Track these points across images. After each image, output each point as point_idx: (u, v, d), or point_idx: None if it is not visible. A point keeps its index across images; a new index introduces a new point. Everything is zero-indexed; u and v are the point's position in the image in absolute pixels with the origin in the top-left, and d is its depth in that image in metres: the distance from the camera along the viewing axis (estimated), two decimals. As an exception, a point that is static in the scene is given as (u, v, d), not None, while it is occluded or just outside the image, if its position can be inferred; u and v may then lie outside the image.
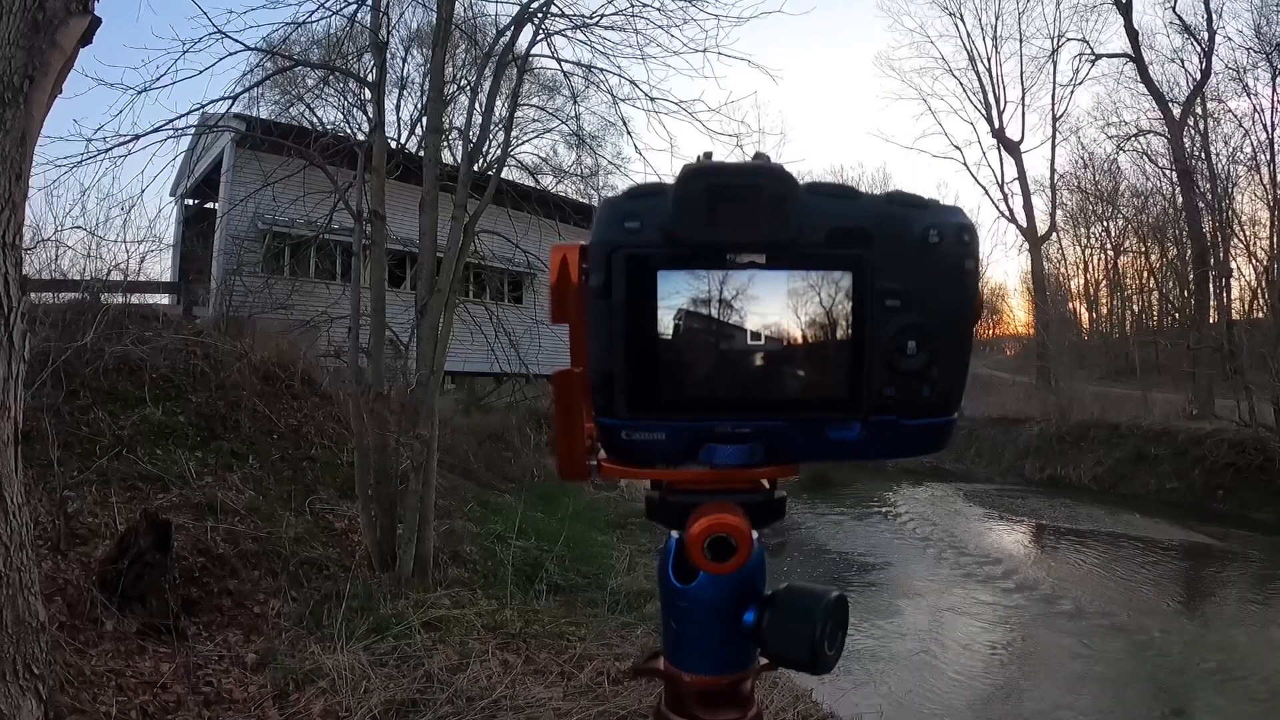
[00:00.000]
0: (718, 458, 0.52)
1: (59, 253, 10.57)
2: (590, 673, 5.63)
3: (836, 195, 0.50)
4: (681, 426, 0.52)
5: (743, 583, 0.58)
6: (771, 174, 0.49)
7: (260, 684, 5.31)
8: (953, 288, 0.51)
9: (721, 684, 0.59)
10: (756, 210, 0.49)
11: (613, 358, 0.50)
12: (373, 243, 7.80)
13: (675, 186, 0.49)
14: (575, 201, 11.44)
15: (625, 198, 0.50)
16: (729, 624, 0.58)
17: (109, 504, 7.03)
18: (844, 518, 14.27)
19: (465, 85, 9.95)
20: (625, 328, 0.49)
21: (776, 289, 0.50)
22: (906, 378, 0.51)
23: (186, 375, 9.44)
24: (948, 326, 0.51)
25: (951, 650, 8.27)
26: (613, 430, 0.52)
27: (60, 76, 3.07)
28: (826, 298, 0.50)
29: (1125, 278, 34.83)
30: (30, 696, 2.79)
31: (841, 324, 0.50)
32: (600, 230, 0.49)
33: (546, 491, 12.48)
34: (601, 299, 0.49)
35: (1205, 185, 22.75)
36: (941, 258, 0.50)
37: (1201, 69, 23.29)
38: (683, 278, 0.49)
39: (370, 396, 7.58)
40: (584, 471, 0.54)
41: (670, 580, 0.59)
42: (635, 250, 0.49)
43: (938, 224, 0.51)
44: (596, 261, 0.49)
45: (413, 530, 7.18)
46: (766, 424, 0.52)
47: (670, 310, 0.49)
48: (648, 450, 0.52)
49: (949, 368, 0.51)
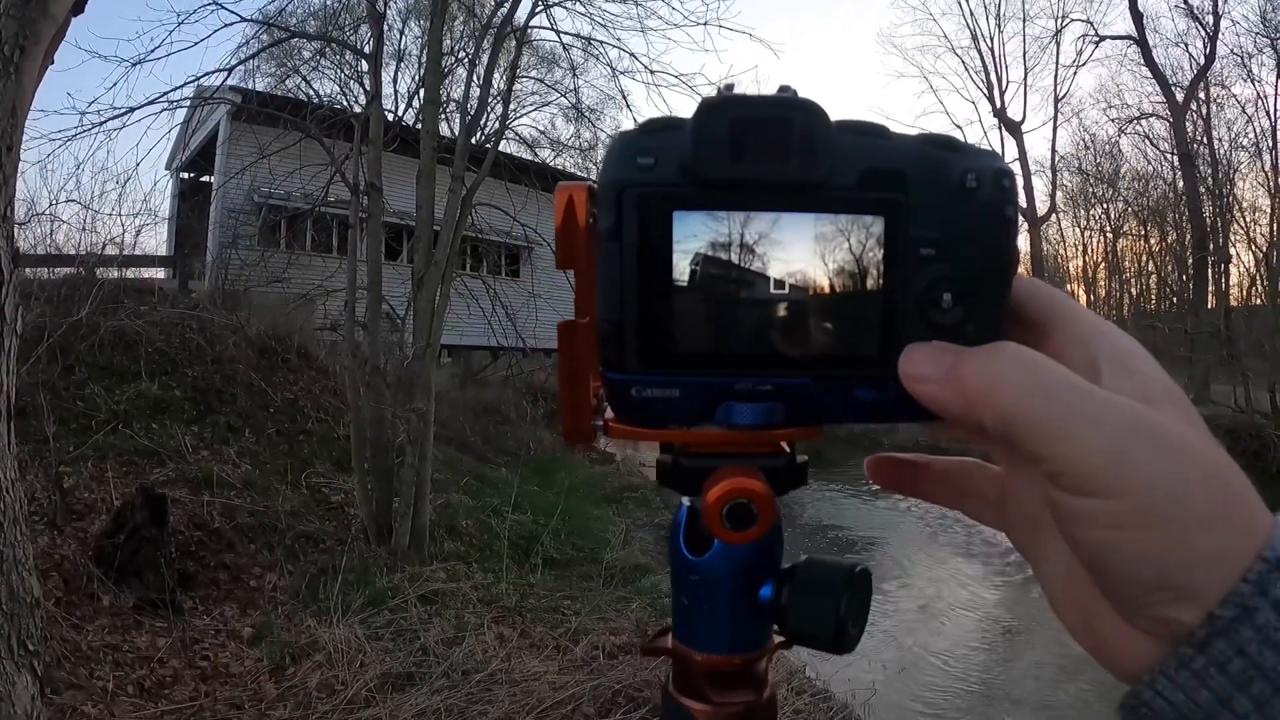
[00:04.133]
0: (736, 417, 0.47)
1: (54, 227, 10.58)
2: (585, 646, 5.63)
3: (869, 134, 0.46)
4: (697, 383, 0.47)
5: (760, 555, 0.54)
6: (803, 107, 0.45)
7: (256, 658, 5.32)
8: (992, 237, 0.46)
9: (735, 663, 0.55)
10: (786, 146, 0.44)
11: (623, 307, 0.45)
12: (369, 215, 7.74)
13: (694, 119, 0.44)
14: (574, 175, 11.38)
15: (638, 132, 0.45)
16: (744, 599, 0.54)
17: (105, 479, 7.01)
18: (838, 494, 14.27)
19: (463, 57, 9.89)
20: (637, 274, 0.45)
21: (803, 233, 0.45)
22: (940, 332, 0.46)
23: (182, 349, 9.41)
24: (985, 279, 0.47)
25: (947, 626, 8.30)
26: (622, 386, 0.47)
27: (52, 47, 3.01)
28: (856, 244, 0.46)
29: (1124, 261, 34.86)
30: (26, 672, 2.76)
31: (872, 273, 0.46)
32: (610, 168, 0.45)
33: (543, 465, 12.48)
34: (611, 242, 0.45)
35: (1206, 170, 22.69)
36: (980, 204, 0.46)
37: (1206, 53, 23.13)
38: (701, 219, 0.45)
39: (367, 370, 7.55)
40: (590, 433, 0.50)
41: (682, 551, 0.55)
42: (649, 189, 0.44)
43: (976, 168, 0.46)
44: (606, 201, 0.45)
45: (409, 504, 7.17)
46: (789, 381, 0.47)
47: (686, 255, 0.45)
48: (660, 409, 0.48)
49: (985, 323, 0.47)
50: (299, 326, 11.21)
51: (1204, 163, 22.80)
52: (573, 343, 0.48)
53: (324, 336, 11.43)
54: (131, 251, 11.60)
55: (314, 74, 10.37)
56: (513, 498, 8.66)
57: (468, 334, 13.52)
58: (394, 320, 9.30)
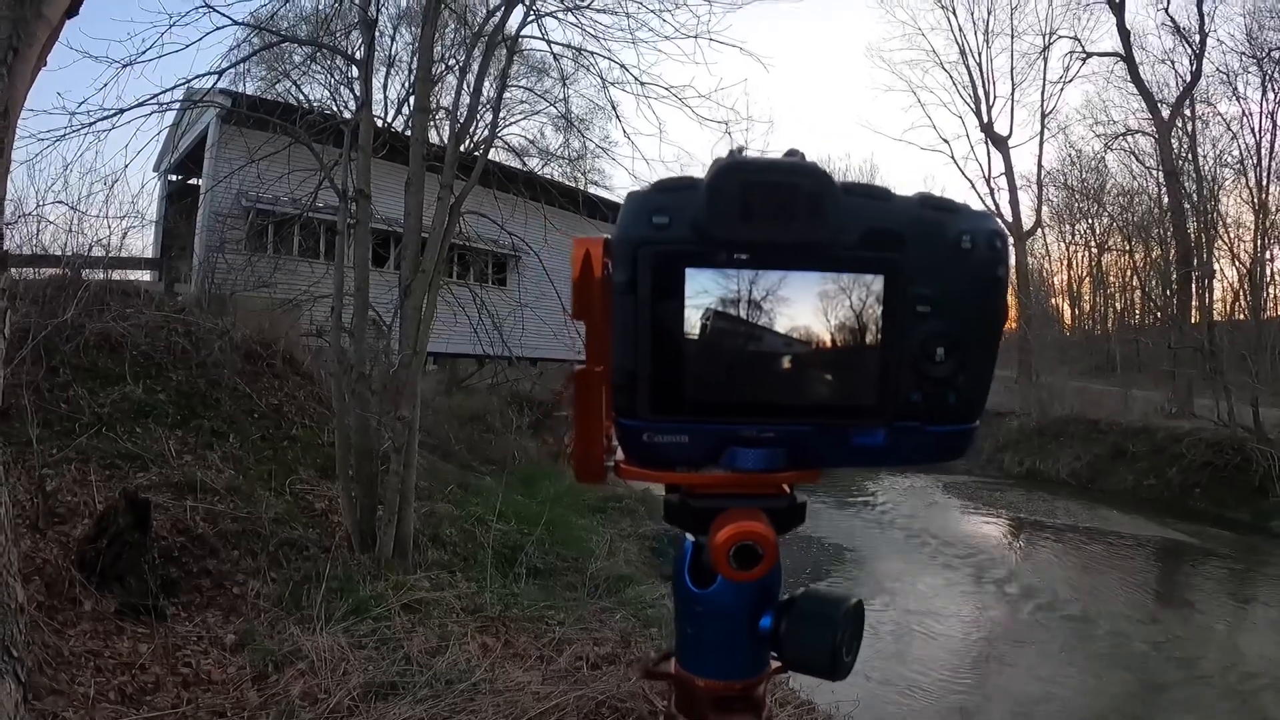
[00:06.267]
0: (740, 462, 0.50)
1: (40, 227, 10.48)
2: (569, 657, 5.63)
3: (871, 196, 0.49)
4: (705, 429, 0.50)
5: (761, 588, 0.57)
6: (809, 172, 0.48)
7: (239, 665, 5.29)
8: (984, 295, 0.49)
9: (735, 689, 0.58)
10: (793, 209, 0.47)
11: (637, 357, 0.48)
12: (357, 222, 7.73)
13: (708, 181, 0.47)
14: (562, 185, 11.40)
15: (654, 191, 0.48)
16: (745, 629, 0.57)
17: (88, 482, 6.97)
18: (823, 507, 14.32)
19: (454, 65, 9.90)
20: (651, 327, 0.48)
21: (808, 290, 0.48)
22: (933, 384, 0.49)
23: (167, 353, 9.36)
24: (977, 334, 0.50)
25: (929, 639, 8.34)
26: (634, 432, 0.50)
27: (45, 48, 3.01)
28: (857, 301, 0.49)
29: (1109, 275, 35.16)
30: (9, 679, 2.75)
31: (871, 328, 0.49)
32: (626, 225, 0.47)
33: (527, 474, 12.48)
34: (626, 296, 0.47)
35: (1191, 186, 22.91)
36: (974, 264, 0.49)
37: (1192, 71, 23.41)
38: (712, 276, 0.47)
39: (352, 376, 7.54)
40: (601, 473, 0.53)
41: (686, 584, 0.58)
42: (663, 247, 0.47)
43: (971, 230, 0.49)
44: (622, 257, 0.47)
45: (393, 511, 7.16)
46: (791, 428, 0.50)
47: (697, 310, 0.48)
48: (669, 453, 0.50)
49: (975, 375, 0.50)
50: (285, 332, 11.15)
51: (1189, 179, 23.03)
52: (586, 389, 0.50)
53: (310, 342, 11.39)
54: (118, 253, 11.51)
55: (304, 79, 10.34)
56: (497, 507, 8.65)
57: (454, 342, 13.46)
58: (380, 327, 9.29)
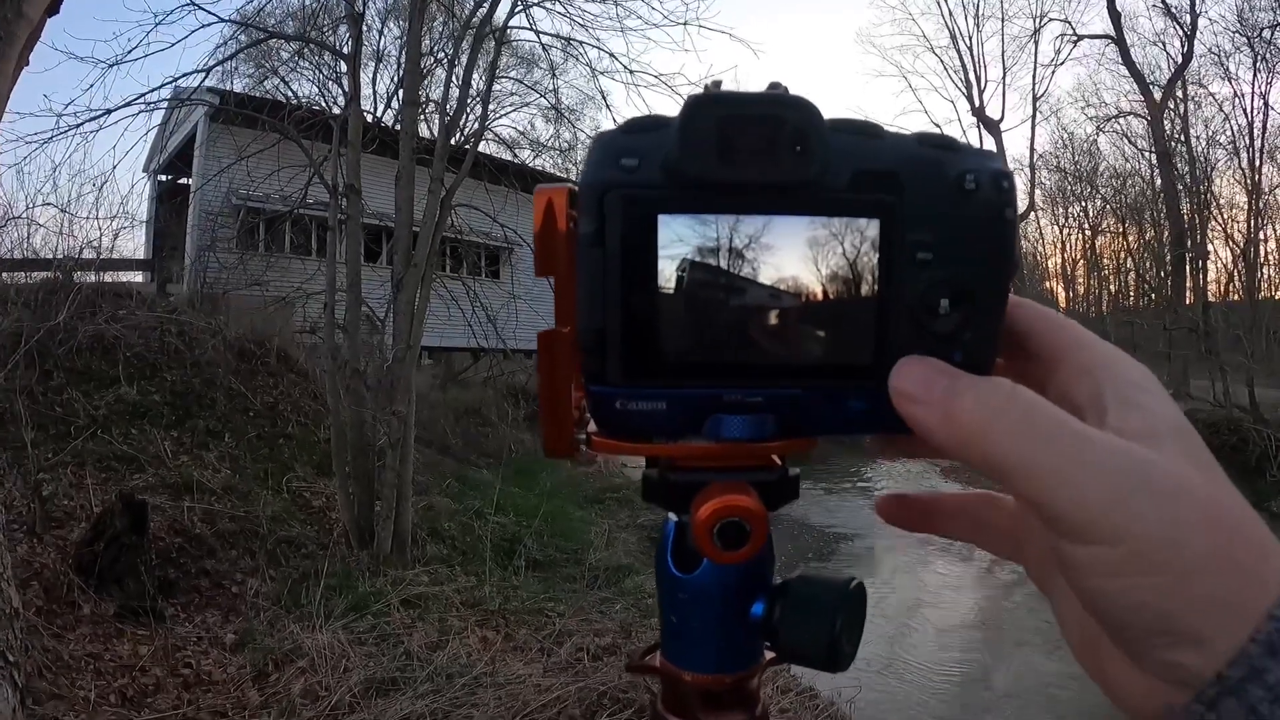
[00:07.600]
0: (725, 430, 0.45)
1: (30, 231, 10.50)
2: (570, 649, 5.62)
3: (862, 133, 0.44)
4: (684, 395, 0.45)
5: (751, 571, 0.52)
6: (794, 104, 0.42)
7: (239, 664, 5.28)
8: (991, 240, 0.44)
9: (725, 683, 0.53)
10: (776, 145, 0.42)
11: (606, 315, 0.43)
12: (348, 217, 7.68)
13: (680, 117, 0.42)
14: (554, 176, 11.35)
15: (621, 132, 0.43)
16: (735, 617, 0.52)
17: (84, 485, 6.94)
18: (819, 493, 14.29)
19: (442, 58, 9.81)
20: (620, 281, 0.42)
21: (795, 237, 0.43)
22: (937, 340, 0.44)
23: (161, 353, 9.33)
24: (984, 283, 0.44)
25: (929, 624, 8.32)
26: (605, 399, 0.45)
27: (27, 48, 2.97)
28: (850, 248, 0.43)
29: (1103, 258, 35.17)
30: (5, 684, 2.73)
31: (866, 279, 0.44)
32: (592, 169, 0.42)
33: (524, 467, 12.44)
34: (593, 248, 0.42)
35: (1184, 168, 22.84)
36: (978, 206, 0.44)
37: (1183, 52, 23.29)
38: (687, 222, 0.42)
39: (347, 373, 7.50)
40: (572, 447, 0.47)
41: (669, 569, 0.53)
42: (633, 191, 0.42)
43: (974, 169, 0.44)
44: (588, 205, 0.42)
45: (390, 507, 7.13)
46: (780, 392, 0.45)
47: (672, 260, 0.42)
48: (645, 422, 0.45)
49: (983, 330, 0.45)
50: (278, 329, 11.13)
51: (1182, 160, 22.94)
52: (553, 353, 0.45)
53: (303, 339, 11.36)
54: (109, 255, 11.50)
55: (292, 75, 10.27)
56: (495, 500, 8.64)
57: (448, 336, 13.46)
58: (374, 322, 9.25)
